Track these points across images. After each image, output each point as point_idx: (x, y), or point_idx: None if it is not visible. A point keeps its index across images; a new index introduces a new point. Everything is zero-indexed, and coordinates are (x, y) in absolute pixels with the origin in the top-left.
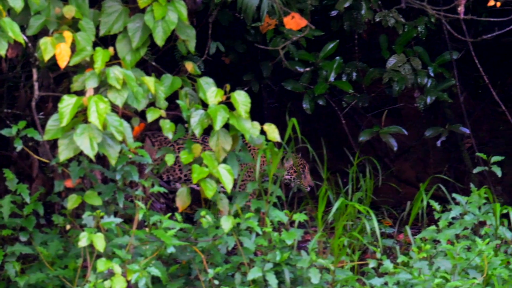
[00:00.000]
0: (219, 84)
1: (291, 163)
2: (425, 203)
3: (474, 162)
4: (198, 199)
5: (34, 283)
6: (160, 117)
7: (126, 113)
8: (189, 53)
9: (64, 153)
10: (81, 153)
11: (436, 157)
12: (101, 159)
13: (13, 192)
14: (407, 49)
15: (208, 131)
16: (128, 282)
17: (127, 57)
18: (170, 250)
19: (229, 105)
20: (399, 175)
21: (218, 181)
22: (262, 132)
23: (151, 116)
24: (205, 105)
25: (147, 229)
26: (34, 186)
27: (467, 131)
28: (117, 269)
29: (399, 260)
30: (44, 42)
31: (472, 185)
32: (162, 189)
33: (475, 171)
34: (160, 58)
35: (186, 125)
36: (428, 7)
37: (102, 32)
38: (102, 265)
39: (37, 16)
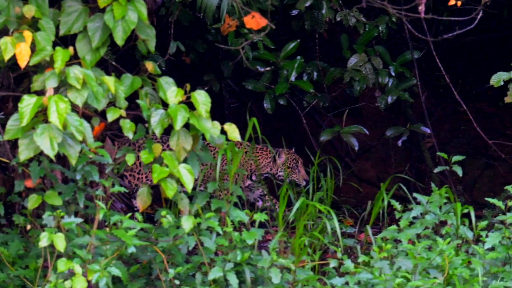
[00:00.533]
0: (180, 84)
1: (283, 159)
2: (386, 202)
3: (435, 162)
4: (159, 199)
5: None
6: (121, 117)
7: (86, 113)
8: (149, 53)
9: (24, 153)
10: (41, 153)
11: (397, 156)
12: (61, 159)
13: None
14: (368, 48)
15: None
16: (88, 282)
17: (87, 56)
18: (131, 250)
19: (190, 105)
20: (360, 174)
21: (178, 181)
22: (223, 131)
23: (111, 116)
24: (165, 105)
25: (107, 229)
26: None
27: (428, 130)
28: (78, 269)
29: (360, 260)
30: (4, 41)
31: (433, 185)
32: (122, 189)
33: (436, 170)
34: (120, 58)
35: (146, 125)
36: (389, 6)
37: (62, 32)
38: (62, 265)
39: None
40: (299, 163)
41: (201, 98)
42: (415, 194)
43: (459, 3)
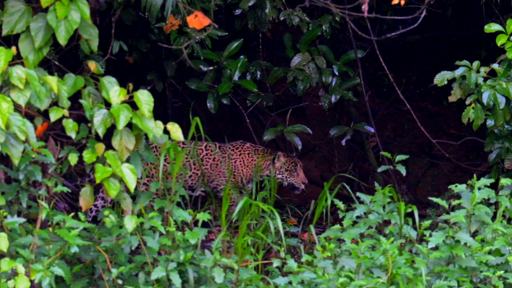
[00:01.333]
0: (123, 83)
1: (281, 162)
2: (329, 202)
3: (378, 161)
4: None
5: None
6: (63, 117)
7: (29, 113)
8: (92, 53)
9: None
10: None
11: (341, 156)
12: (4, 158)
13: None
14: (312, 48)
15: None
16: (31, 281)
17: (30, 56)
18: (74, 249)
19: (133, 105)
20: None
21: (121, 181)
22: (166, 131)
23: (54, 116)
24: (108, 105)
25: (50, 229)
26: None
27: (372, 130)
28: (21, 268)
29: (303, 259)
30: None
31: (376, 184)
32: (65, 189)
33: (379, 170)
34: (63, 58)
35: (89, 125)
36: (332, 6)
37: (4, 32)
38: (5, 265)
39: None
40: (297, 166)
41: (144, 98)
42: (358, 194)
43: (402, 2)
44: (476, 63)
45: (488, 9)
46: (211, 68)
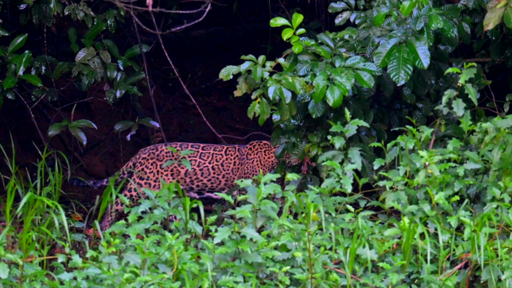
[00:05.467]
0: None
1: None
2: (114, 197)
3: None
4: None
5: None
6: None
7: None
8: None
9: None
10: None
11: (126, 151)
12: None
13: None
14: (97, 42)
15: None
16: None
17: None
18: None
19: None
20: (89, 169)
21: None
22: None
23: None
24: None
25: None
26: None
27: (157, 124)
28: None
29: (88, 255)
30: None
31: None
32: None
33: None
34: None
35: None
36: (117, 0)
37: None
38: None
39: None
40: None
41: None
42: (143, 189)
43: None
44: (261, 58)
45: (274, 3)
46: None
